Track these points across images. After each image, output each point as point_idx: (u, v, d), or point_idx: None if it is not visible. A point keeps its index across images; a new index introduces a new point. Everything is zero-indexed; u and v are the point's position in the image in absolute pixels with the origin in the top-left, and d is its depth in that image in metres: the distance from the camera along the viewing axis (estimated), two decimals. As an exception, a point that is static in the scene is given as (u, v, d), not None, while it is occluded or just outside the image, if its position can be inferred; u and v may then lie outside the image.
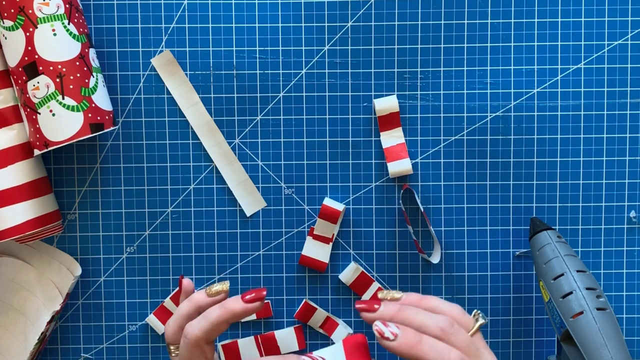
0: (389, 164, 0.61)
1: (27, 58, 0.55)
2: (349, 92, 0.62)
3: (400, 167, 0.62)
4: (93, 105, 0.56)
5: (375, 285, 0.63)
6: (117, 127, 0.62)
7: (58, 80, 0.55)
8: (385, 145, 0.62)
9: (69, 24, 0.56)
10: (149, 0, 0.61)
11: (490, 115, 0.62)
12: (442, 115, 0.62)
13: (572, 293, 0.55)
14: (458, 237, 0.63)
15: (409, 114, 0.62)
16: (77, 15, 0.57)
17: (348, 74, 0.62)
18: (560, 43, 0.62)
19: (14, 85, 0.57)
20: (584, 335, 0.53)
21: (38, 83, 0.55)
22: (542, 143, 0.62)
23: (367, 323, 0.49)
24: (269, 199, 0.63)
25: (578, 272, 0.56)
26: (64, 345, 0.64)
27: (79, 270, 0.62)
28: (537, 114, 0.62)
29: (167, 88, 0.62)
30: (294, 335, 0.63)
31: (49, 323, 0.61)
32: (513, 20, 0.62)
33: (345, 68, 0.62)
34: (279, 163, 0.63)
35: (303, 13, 0.62)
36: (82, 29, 0.57)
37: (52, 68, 0.55)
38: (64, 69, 0.55)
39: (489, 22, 0.62)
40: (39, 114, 0.56)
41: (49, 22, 0.55)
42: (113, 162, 0.62)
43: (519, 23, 0.62)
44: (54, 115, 0.55)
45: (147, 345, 0.64)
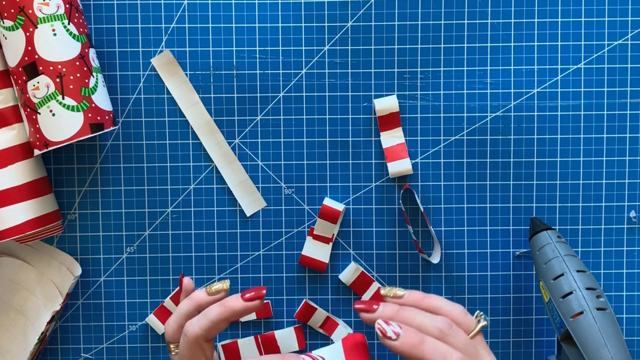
0: (389, 164, 0.61)
1: (27, 58, 0.55)
2: (349, 92, 0.62)
3: (400, 167, 0.62)
4: (93, 105, 0.56)
5: (375, 285, 0.63)
6: (117, 127, 0.62)
7: (58, 80, 0.55)
8: (385, 145, 0.62)
9: (69, 24, 0.56)
10: (149, 0, 0.61)
11: (490, 115, 0.62)
12: (442, 115, 0.62)
13: (572, 293, 0.55)
14: (458, 237, 0.63)
15: (409, 114, 0.62)
16: (77, 15, 0.57)
17: (348, 74, 0.62)
18: (560, 43, 0.62)
19: (14, 85, 0.57)
20: (584, 335, 0.53)
21: (38, 83, 0.55)
22: (542, 143, 0.62)
23: (366, 323, 0.49)
24: (269, 199, 0.63)
25: (578, 272, 0.56)
26: (64, 345, 0.64)
27: (79, 270, 0.62)
28: (537, 114, 0.62)
29: (167, 88, 0.62)
30: (294, 335, 0.63)
31: (49, 323, 0.61)
32: (513, 20, 0.62)
33: (345, 68, 0.62)
34: (279, 163, 0.63)
35: (303, 13, 0.62)
36: (82, 29, 0.57)
37: (52, 68, 0.55)
38: (64, 69, 0.55)
39: (489, 22, 0.62)
40: (39, 114, 0.55)
41: (49, 22, 0.55)
42: (113, 162, 0.62)
43: (519, 23, 0.62)
44: (54, 115, 0.55)
45: (147, 345, 0.64)
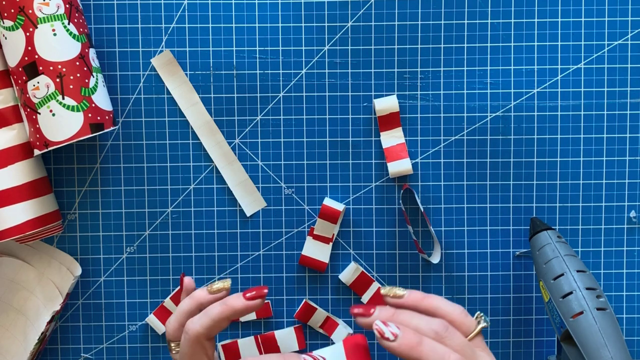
0: (389, 164, 0.61)
1: (27, 58, 0.55)
2: (349, 92, 0.62)
3: (400, 167, 0.61)
4: (93, 105, 0.56)
5: (375, 285, 0.63)
6: (117, 127, 0.62)
7: (58, 80, 0.55)
8: (385, 145, 0.62)
9: (69, 24, 0.56)
10: (149, 0, 0.61)
11: (490, 115, 0.62)
12: (442, 115, 0.62)
13: (572, 293, 0.55)
14: (458, 237, 0.63)
15: (409, 114, 0.62)
16: (77, 15, 0.57)
17: (348, 74, 0.62)
18: (560, 43, 0.62)
19: (14, 85, 0.57)
20: (584, 335, 0.53)
21: (38, 83, 0.55)
22: (542, 143, 0.62)
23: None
24: (269, 199, 0.63)
25: (578, 272, 0.56)
26: (64, 345, 0.64)
27: (79, 270, 0.62)
28: (537, 114, 0.62)
29: (167, 88, 0.62)
30: (294, 335, 0.63)
31: (49, 323, 0.61)
32: (513, 20, 0.62)
33: (345, 68, 0.62)
34: (279, 163, 0.63)
35: (303, 13, 0.62)
36: (82, 29, 0.57)
37: (52, 68, 0.55)
38: (64, 69, 0.55)
39: (489, 22, 0.62)
40: (39, 114, 0.55)
41: (49, 22, 0.55)
42: (113, 162, 0.62)
43: (519, 23, 0.62)
44: (54, 115, 0.55)
45: (147, 345, 0.64)
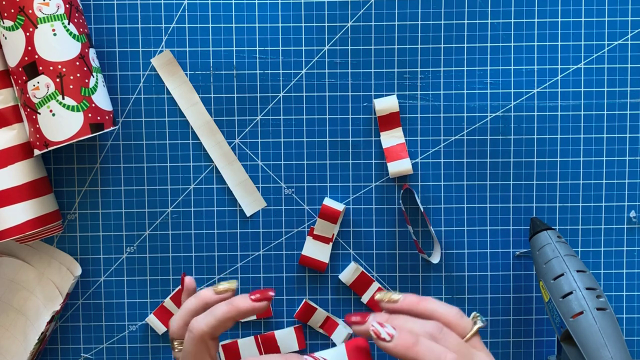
0: (389, 164, 0.61)
1: (27, 58, 0.55)
2: (349, 92, 0.62)
3: (400, 167, 0.62)
4: (93, 105, 0.56)
5: (375, 285, 0.63)
6: (117, 127, 0.62)
7: (58, 80, 0.55)
8: (385, 145, 0.62)
9: (69, 24, 0.56)
10: (149, 0, 0.61)
11: (490, 115, 0.62)
12: (442, 115, 0.62)
13: (572, 293, 0.55)
14: (458, 237, 0.63)
15: (409, 114, 0.62)
16: (77, 15, 0.57)
17: (348, 74, 0.62)
18: (560, 43, 0.62)
19: (14, 85, 0.57)
20: (584, 335, 0.53)
21: (38, 83, 0.55)
22: (542, 143, 0.62)
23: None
24: (269, 199, 0.63)
25: (578, 272, 0.56)
26: (64, 345, 0.64)
27: (79, 270, 0.62)
28: (537, 114, 0.62)
29: (167, 88, 0.62)
30: (294, 335, 0.63)
31: (49, 323, 0.61)
32: (513, 20, 0.62)
33: (345, 68, 0.62)
34: (279, 163, 0.63)
35: (303, 13, 0.62)
36: (82, 29, 0.57)
37: (52, 68, 0.55)
38: (64, 69, 0.55)
39: (489, 22, 0.62)
40: (39, 114, 0.55)
41: (49, 22, 0.55)
42: (113, 162, 0.62)
43: (519, 23, 0.62)
44: (54, 115, 0.55)
45: (147, 345, 0.64)
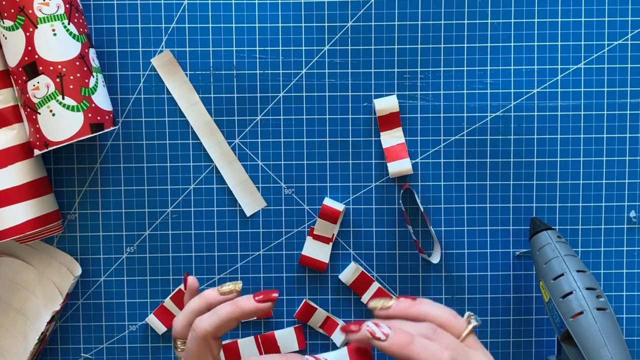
0: (389, 164, 0.61)
1: (27, 58, 0.55)
2: (349, 92, 0.62)
3: (400, 167, 0.62)
4: (93, 105, 0.56)
5: (376, 285, 0.63)
6: (117, 127, 0.62)
7: (58, 80, 0.55)
8: (385, 145, 0.62)
9: (69, 24, 0.56)
10: (149, 0, 0.61)
11: (490, 115, 0.62)
12: (442, 115, 0.62)
13: (572, 293, 0.55)
14: (458, 237, 0.63)
15: (409, 114, 0.62)
16: (77, 15, 0.57)
17: (348, 74, 0.62)
18: (560, 43, 0.62)
19: (14, 85, 0.57)
20: (584, 335, 0.53)
21: (38, 83, 0.55)
22: (542, 143, 0.62)
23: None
24: (269, 199, 0.63)
25: (578, 272, 0.56)
26: (64, 345, 0.64)
27: (79, 270, 0.62)
28: (537, 114, 0.62)
29: (167, 88, 0.62)
30: (294, 335, 0.63)
31: (49, 323, 0.61)
32: (513, 20, 0.62)
33: (345, 68, 0.62)
34: (279, 163, 0.63)
35: (303, 13, 0.62)
36: (82, 29, 0.57)
37: (52, 68, 0.55)
38: (64, 69, 0.55)
39: (489, 22, 0.62)
40: (39, 114, 0.55)
41: (49, 22, 0.55)
42: (113, 162, 0.62)
43: (519, 23, 0.62)
44: (54, 115, 0.55)
45: (147, 345, 0.64)
